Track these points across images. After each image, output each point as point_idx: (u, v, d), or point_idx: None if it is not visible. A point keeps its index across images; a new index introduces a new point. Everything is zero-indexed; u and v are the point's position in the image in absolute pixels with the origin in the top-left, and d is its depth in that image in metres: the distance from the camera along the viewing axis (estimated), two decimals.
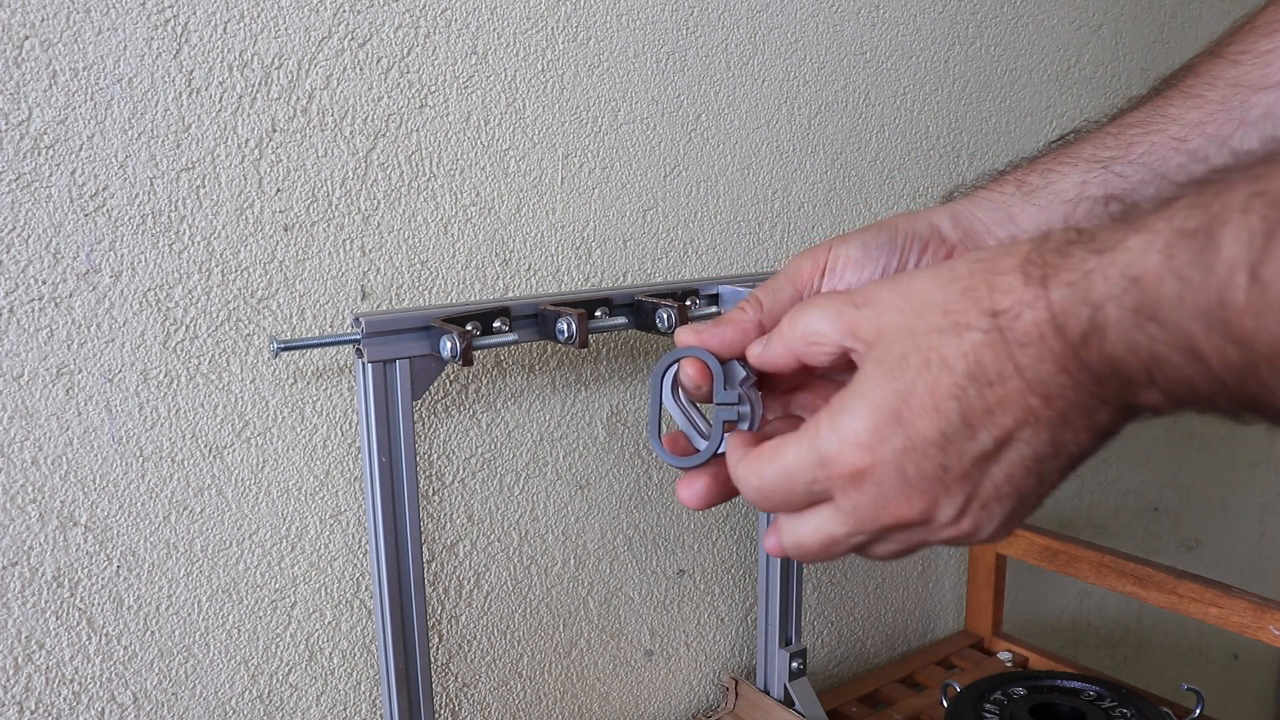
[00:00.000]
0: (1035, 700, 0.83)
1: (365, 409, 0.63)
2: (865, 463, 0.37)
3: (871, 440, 0.36)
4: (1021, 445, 0.35)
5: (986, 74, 1.05)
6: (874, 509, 0.37)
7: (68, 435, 0.58)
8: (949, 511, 0.37)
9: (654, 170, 0.80)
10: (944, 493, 0.36)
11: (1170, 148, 0.47)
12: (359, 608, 0.70)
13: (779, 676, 0.87)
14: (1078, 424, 0.35)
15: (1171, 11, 1.25)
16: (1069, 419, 0.35)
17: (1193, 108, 0.47)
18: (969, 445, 0.35)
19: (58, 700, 0.60)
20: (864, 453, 0.36)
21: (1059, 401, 0.34)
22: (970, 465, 0.36)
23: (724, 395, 0.45)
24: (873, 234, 0.47)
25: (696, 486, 0.45)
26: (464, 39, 0.69)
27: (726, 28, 0.83)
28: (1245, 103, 0.46)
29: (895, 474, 0.36)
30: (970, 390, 0.35)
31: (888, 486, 0.37)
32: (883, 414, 0.36)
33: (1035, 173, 0.49)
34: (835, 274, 0.47)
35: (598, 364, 0.80)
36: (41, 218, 0.56)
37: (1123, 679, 0.90)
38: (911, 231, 0.47)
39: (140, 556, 0.62)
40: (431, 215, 0.70)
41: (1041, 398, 0.34)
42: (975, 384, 0.35)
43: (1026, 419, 0.35)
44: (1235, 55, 0.47)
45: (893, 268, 0.47)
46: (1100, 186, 0.48)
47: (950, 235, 0.48)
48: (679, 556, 0.88)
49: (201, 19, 0.59)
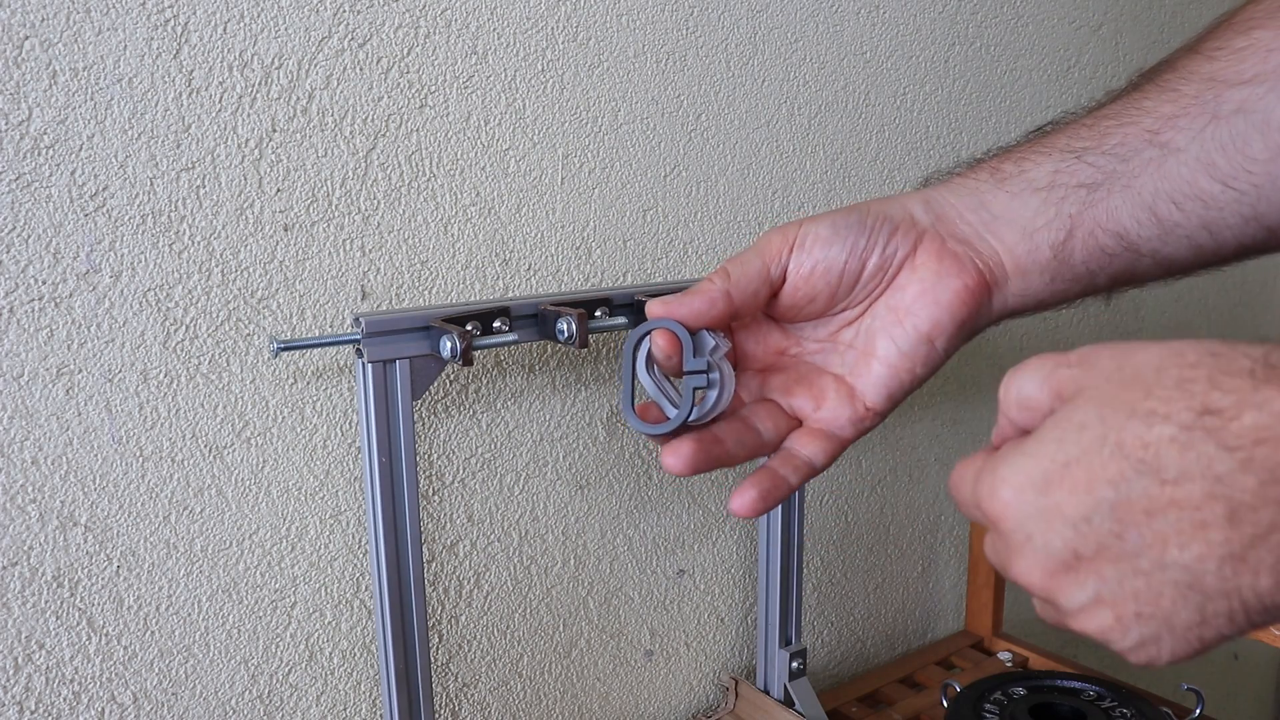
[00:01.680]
0: (1035, 700, 0.83)
1: (365, 409, 0.63)
2: (998, 513, 0.35)
3: (1012, 497, 0.34)
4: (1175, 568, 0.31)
5: (986, 74, 1.05)
6: (1005, 558, 0.36)
7: (68, 435, 0.58)
8: (1073, 602, 0.34)
9: (654, 170, 0.80)
10: (1070, 579, 0.34)
11: (1143, 140, 0.47)
12: (359, 608, 0.70)
13: (779, 676, 0.87)
14: (1263, 563, 0.30)
15: (1171, 11, 1.25)
16: (1254, 551, 0.30)
17: (1167, 101, 0.47)
18: (1109, 540, 0.32)
19: (58, 700, 0.60)
20: (1001, 506, 0.35)
21: (1249, 523, 0.29)
22: (1107, 561, 0.32)
23: (693, 364, 0.46)
24: (843, 215, 0.48)
25: (681, 451, 0.45)
26: (464, 39, 0.69)
27: (726, 28, 0.83)
28: (1218, 97, 0.46)
29: (1022, 538, 0.34)
30: (1136, 483, 0.31)
31: (1014, 545, 0.35)
32: (1031, 476, 0.34)
33: (1010, 161, 0.49)
34: (804, 249, 0.47)
35: (598, 364, 0.80)
36: (41, 218, 0.56)
37: (1123, 679, 0.90)
38: (883, 214, 0.48)
39: (140, 556, 0.62)
40: (431, 215, 0.70)
41: (1227, 510, 0.30)
42: (1144, 478, 0.31)
43: (1194, 533, 0.30)
44: (1211, 51, 0.47)
45: (860, 248, 0.47)
46: (1072, 175, 0.48)
47: (922, 219, 0.48)
48: (679, 556, 0.88)
49: (201, 19, 0.59)
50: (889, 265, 0.48)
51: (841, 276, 0.48)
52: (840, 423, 0.49)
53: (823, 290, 0.48)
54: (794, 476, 0.48)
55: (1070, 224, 0.48)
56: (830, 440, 0.49)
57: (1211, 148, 0.46)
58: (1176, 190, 0.47)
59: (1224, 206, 0.46)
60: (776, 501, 0.47)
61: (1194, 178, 0.46)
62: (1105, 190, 0.48)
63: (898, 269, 0.48)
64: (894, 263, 0.48)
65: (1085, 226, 0.48)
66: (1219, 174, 0.46)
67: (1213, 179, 0.46)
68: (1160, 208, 0.47)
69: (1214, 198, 0.46)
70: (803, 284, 0.48)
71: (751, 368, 0.51)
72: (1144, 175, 0.47)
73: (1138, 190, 0.47)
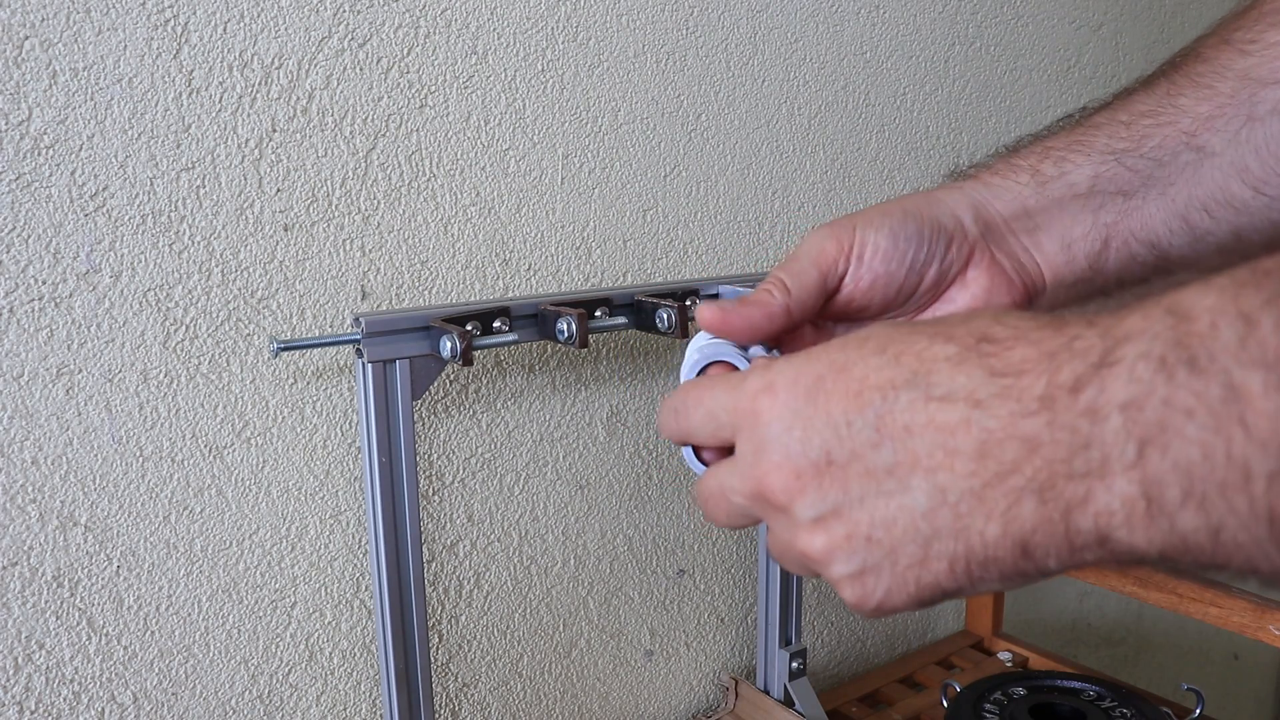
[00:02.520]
0: (1035, 700, 0.83)
1: (365, 409, 0.63)
2: (763, 407, 0.34)
3: (781, 390, 0.34)
4: (919, 492, 0.31)
5: (986, 74, 1.05)
6: (752, 463, 0.35)
7: (68, 435, 0.58)
8: (810, 510, 0.33)
9: (654, 170, 0.80)
10: (814, 483, 0.33)
11: (1180, 142, 0.47)
12: (359, 608, 0.70)
13: (779, 676, 0.87)
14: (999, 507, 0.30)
15: (1171, 11, 1.25)
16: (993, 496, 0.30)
17: (1203, 99, 0.46)
18: (864, 450, 0.32)
19: (58, 700, 0.60)
20: (769, 397, 0.34)
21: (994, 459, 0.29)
22: (855, 473, 0.32)
23: None
24: (900, 222, 0.46)
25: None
26: (464, 39, 0.69)
27: (726, 28, 0.83)
28: (1254, 97, 0.45)
29: (781, 432, 0.34)
30: (903, 396, 0.31)
31: (770, 443, 0.34)
32: (808, 375, 0.34)
33: (1049, 160, 0.49)
34: (863, 263, 0.46)
35: (598, 364, 0.80)
36: (41, 218, 0.56)
37: (1123, 679, 0.90)
38: (937, 223, 0.47)
39: (140, 556, 0.62)
40: (431, 215, 0.70)
41: (979, 442, 0.30)
42: (913, 391, 0.31)
43: (943, 459, 0.30)
44: (1244, 44, 0.46)
45: (920, 263, 0.46)
46: (1111, 181, 0.47)
47: (972, 230, 0.48)
48: (679, 556, 0.88)
49: (201, 19, 0.59)
50: (944, 280, 0.48)
51: (899, 291, 0.47)
52: None
53: (878, 301, 0.47)
54: None
55: (1106, 233, 0.48)
56: None
57: (1246, 151, 0.46)
58: (1210, 196, 0.47)
59: (1255, 213, 0.46)
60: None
61: (1226, 183, 0.46)
62: (1141, 197, 0.47)
63: (950, 283, 0.48)
64: (948, 277, 0.48)
65: (1120, 236, 0.48)
66: (1251, 179, 0.46)
67: (1244, 184, 0.46)
68: (1193, 215, 0.47)
69: (1245, 204, 0.46)
70: (860, 296, 0.47)
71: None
72: (1179, 181, 0.47)
73: (1172, 197, 0.47)
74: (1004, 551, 0.30)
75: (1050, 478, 0.29)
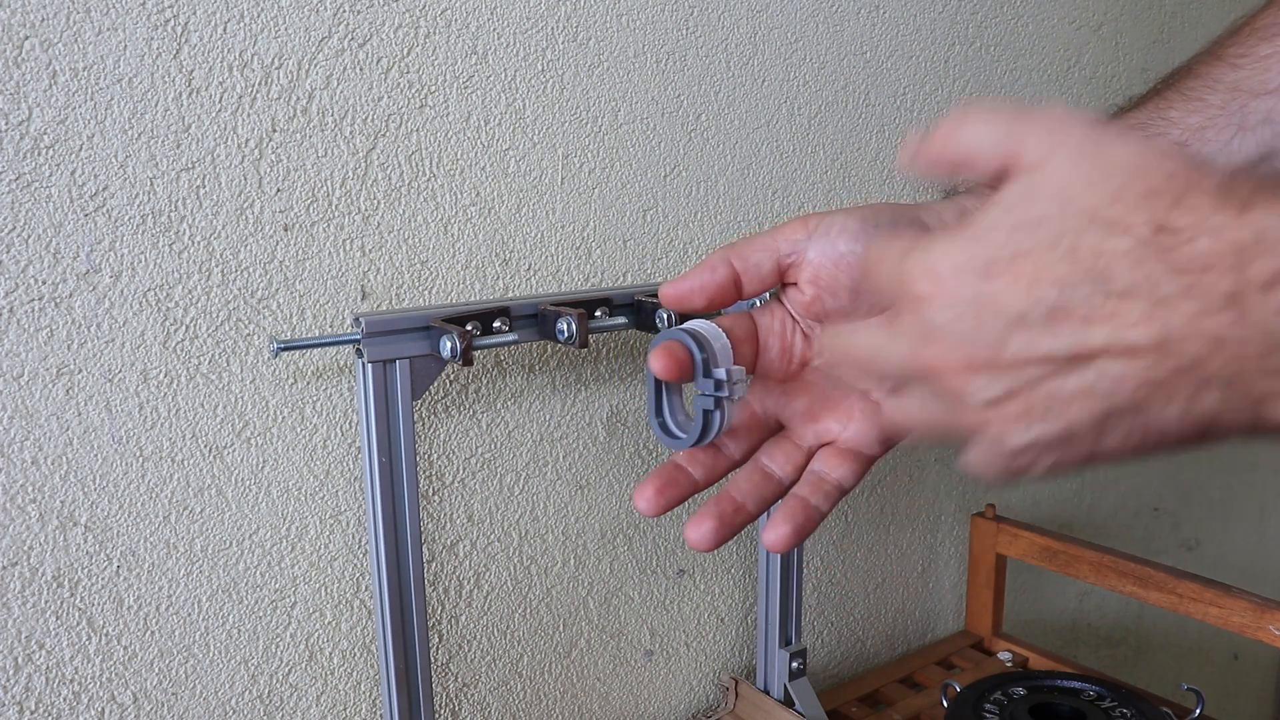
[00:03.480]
0: (1035, 700, 0.83)
1: (365, 409, 0.63)
2: (929, 292, 0.33)
3: (948, 276, 0.33)
4: (1100, 377, 0.31)
5: (986, 74, 1.05)
6: (918, 340, 0.34)
7: (68, 435, 0.58)
8: (986, 393, 0.33)
9: (654, 170, 0.80)
10: (989, 369, 0.32)
11: None
12: (359, 608, 0.70)
13: (779, 676, 0.87)
14: (1181, 394, 0.30)
15: (1171, 11, 1.25)
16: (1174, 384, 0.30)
17: (1193, 111, 0.47)
18: (1042, 339, 0.31)
19: (58, 700, 0.60)
20: (933, 283, 0.33)
21: (1174, 355, 0.29)
22: (1033, 360, 0.32)
23: (702, 383, 0.44)
24: (875, 211, 0.46)
25: (704, 528, 0.46)
26: (464, 39, 0.69)
27: (726, 28, 0.83)
28: (1244, 107, 0.45)
29: (951, 319, 0.33)
30: (1080, 289, 0.30)
31: (939, 326, 0.33)
32: (975, 260, 0.32)
33: None
34: (828, 238, 0.45)
35: (598, 364, 0.80)
36: (41, 218, 0.56)
37: (1123, 679, 0.90)
38: (918, 220, 0.46)
39: (140, 556, 0.62)
40: (431, 215, 0.70)
41: (1159, 337, 0.29)
42: (1089, 286, 0.30)
43: (1123, 351, 0.30)
44: (1235, 59, 0.46)
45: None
46: None
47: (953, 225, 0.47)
48: (679, 556, 0.88)
49: (201, 19, 0.59)
50: None
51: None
52: (868, 440, 0.48)
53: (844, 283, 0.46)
54: (825, 504, 0.47)
55: None
56: (858, 460, 0.48)
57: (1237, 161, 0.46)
58: None
59: None
60: (809, 533, 0.46)
61: None
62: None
63: None
64: None
65: None
66: None
67: None
68: None
69: None
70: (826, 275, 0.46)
71: (773, 377, 0.49)
72: None
73: None
74: (1183, 432, 0.31)
75: (1240, 372, 0.29)
